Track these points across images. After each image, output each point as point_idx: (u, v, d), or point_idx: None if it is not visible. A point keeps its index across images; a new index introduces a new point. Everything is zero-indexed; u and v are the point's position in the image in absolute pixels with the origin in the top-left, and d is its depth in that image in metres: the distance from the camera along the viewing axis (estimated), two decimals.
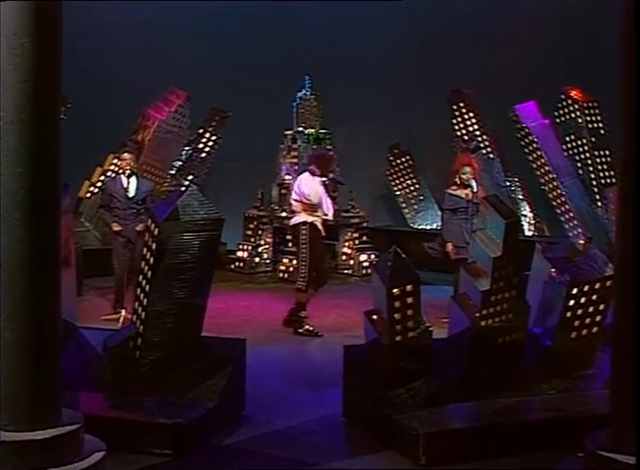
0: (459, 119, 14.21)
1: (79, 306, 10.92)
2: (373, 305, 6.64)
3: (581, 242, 6.73)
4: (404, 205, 15.09)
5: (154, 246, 6.33)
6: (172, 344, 6.62)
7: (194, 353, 6.72)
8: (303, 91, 13.81)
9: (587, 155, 13.12)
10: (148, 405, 6.36)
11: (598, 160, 13.11)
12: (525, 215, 13.96)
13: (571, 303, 6.67)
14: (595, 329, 6.86)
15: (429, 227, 14.89)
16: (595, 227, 11.62)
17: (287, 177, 13.69)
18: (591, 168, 13.10)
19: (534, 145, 11.61)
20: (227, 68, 14.53)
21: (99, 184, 13.76)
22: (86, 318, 10.21)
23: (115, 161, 13.68)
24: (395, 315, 6.28)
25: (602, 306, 6.75)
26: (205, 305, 6.81)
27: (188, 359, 6.67)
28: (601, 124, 13.19)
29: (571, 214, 11.53)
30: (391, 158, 15.06)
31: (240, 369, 6.86)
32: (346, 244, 13.83)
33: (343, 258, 13.80)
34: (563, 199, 11.49)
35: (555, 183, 11.52)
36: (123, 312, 10.12)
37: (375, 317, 6.52)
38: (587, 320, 6.80)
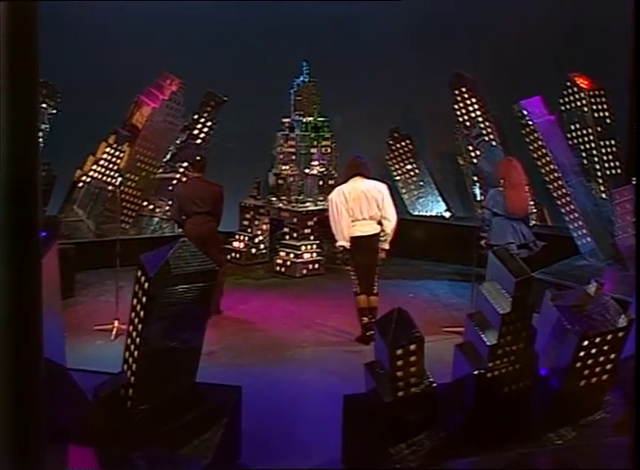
0: (461, 105, 13.84)
1: (71, 310, 10.71)
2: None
3: (593, 288, 6.38)
4: (404, 190, 14.74)
5: (144, 299, 6.03)
6: (165, 393, 6.35)
7: (187, 403, 6.45)
8: (301, 78, 13.39)
9: (592, 145, 12.81)
10: (139, 464, 6.10)
11: (603, 150, 12.80)
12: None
13: (582, 353, 6.39)
14: (605, 376, 6.60)
15: (428, 214, 14.57)
16: (600, 227, 11.34)
17: (284, 167, 13.33)
18: (596, 159, 12.79)
19: (539, 142, 11.24)
20: (224, 53, 14.10)
21: (91, 173, 13.42)
22: (79, 328, 9.99)
23: (108, 149, 13.35)
24: (398, 373, 6.01)
25: (613, 356, 6.49)
26: (200, 349, 6.55)
27: (181, 409, 6.40)
28: (607, 113, 12.84)
29: (576, 215, 11.23)
30: (391, 142, 14.69)
31: (235, 420, 6.60)
32: None
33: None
34: (568, 198, 11.18)
35: (560, 182, 11.19)
36: (116, 323, 9.86)
37: (376, 371, 6.24)
38: (597, 369, 6.53)
